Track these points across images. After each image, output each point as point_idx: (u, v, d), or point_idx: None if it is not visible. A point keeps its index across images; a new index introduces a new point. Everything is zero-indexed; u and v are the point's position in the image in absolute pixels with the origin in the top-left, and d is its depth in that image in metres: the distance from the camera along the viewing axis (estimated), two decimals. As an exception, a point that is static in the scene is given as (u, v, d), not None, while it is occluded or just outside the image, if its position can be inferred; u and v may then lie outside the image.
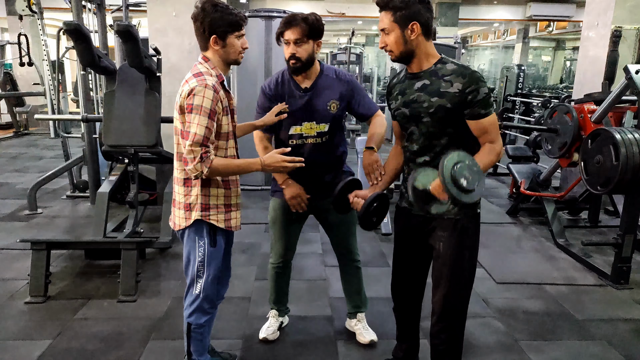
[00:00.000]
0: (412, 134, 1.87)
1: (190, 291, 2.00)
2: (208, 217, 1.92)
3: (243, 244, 3.85)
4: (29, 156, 7.60)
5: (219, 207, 1.95)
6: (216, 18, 1.81)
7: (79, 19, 4.46)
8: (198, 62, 1.90)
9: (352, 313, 2.65)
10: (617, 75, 4.36)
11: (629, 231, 3.28)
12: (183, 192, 1.92)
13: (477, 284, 3.24)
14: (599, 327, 2.81)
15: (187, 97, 1.77)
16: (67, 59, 7.41)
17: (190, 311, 2.00)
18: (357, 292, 2.60)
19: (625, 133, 3.13)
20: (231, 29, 1.85)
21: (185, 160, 1.79)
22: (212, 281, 1.99)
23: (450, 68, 1.76)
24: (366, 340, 2.53)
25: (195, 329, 2.01)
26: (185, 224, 1.93)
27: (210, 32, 1.83)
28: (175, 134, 1.89)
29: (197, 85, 1.77)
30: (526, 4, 15.44)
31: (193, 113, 1.76)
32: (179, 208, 1.94)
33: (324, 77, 2.23)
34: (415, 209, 1.89)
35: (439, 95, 1.74)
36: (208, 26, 1.82)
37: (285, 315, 2.69)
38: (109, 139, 3.59)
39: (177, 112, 1.85)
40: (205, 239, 1.94)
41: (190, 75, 1.84)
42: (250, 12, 5.48)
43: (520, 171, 4.87)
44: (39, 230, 4.22)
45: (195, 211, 1.90)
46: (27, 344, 2.52)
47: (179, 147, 1.88)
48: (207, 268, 1.96)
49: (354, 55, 11.72)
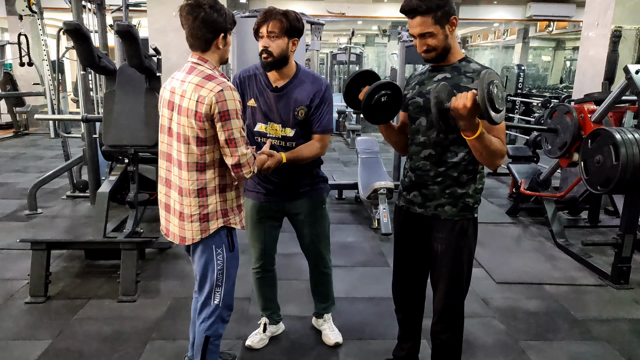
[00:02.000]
0: (421, 125, 1.87)
1: (207, 303, 1.91)
2: (229, 222, 1.88)
3: (243, 244, 3.82)
4: (29, 156, 7.60)
5: (234, 209, 1.91)
6: (223, 15, 1.75)
7: (79, 19, 4.46)
8: (196, 64, 1.79)
9: (318, 313, 2.63)
10: (617, 75, 4.36)
11: (629, 231, 3.28)
12: (198, 204, 1.81)
13: (477, 284, 3.26)
14: (599, 327, 2.81)
15: (216, 103, 1.68)
16: (67, 59, 7.42)
17: (210, 323, 1.91)
18: (325, 297, 2.59)
19: (625, 133, 3.12)
20: (232, 27, 1.81)
21: (239, 166, 1.76)
22: (232, 287, 1.94)
23: (474, 67, 1.78)
24: (331, 342, 2.53)
25: (214, 341, 1.93)
26: (202, 236, 1.84)
27: (218, 31, 1.76)
28: (185, 142, 1.76)
29: (224, 90, 1.69)
30: (526, 4, 15.44)
31: (231, 119, 1.71)
32: (191, 221, 1.82)
33: (298, 80, 2.12)
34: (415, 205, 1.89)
35: (457, 89, 1.74)
36: (215, 24, 1.74)
37: (278, 324, 2.62)
38: (109, 139, 3.59)
39: (188, 119, 1.73)
40: (224, 246, 1.88)
41: (199, 79, 1.73)
42: (250, 12, 5.47)
43: (520, 171, 4.87)
44: (39, 230, 4.22)
45: (217, 219, 1.84)
46: (27, 344, 2.52)
47: (189, 156, 1.77)
48: (227, 275, 1.90)
49: (354, 55, 11.73)
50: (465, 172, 1.83)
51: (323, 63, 16.06)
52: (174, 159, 1.84)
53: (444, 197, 1.85)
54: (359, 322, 2.80)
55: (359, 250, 3.91)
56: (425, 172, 1.87)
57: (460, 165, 1.82)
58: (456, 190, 1.84)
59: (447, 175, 1.83)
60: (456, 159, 1.82)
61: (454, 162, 1.82)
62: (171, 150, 1.85)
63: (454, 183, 1.83)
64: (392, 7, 15.18)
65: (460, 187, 1.84)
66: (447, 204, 1.85)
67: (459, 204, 1.85)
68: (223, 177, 1.84)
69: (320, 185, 2.31)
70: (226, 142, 1.74)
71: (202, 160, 1.78)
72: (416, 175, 1.90)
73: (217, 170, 1.82)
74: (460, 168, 1.83)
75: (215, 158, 1.80)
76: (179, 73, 1.83)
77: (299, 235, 2.40)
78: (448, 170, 1.83)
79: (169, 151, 1.87)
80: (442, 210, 1.86)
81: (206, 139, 1.75)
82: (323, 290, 2.56)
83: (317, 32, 6.00)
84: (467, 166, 1.83)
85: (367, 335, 2.67)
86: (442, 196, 1.85)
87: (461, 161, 1.82)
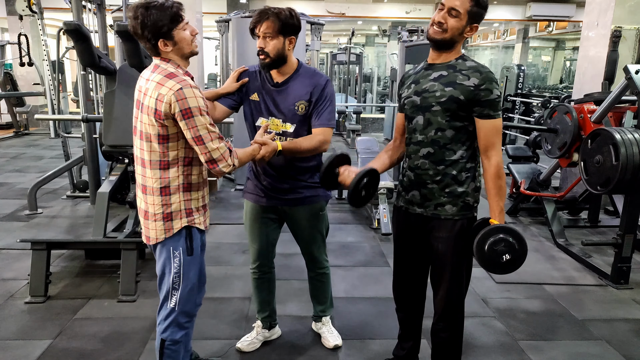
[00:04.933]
0: (417, 124, 1.87)
1: (164, 305, 1.87)
2: (193, 222, 1.84)
3: (243, 244, 3.85)
4: (29, 156, 7.59)
5: (199, 209, 1.87)
6: (155, 20, 1.65)
7: (79, 19, 4.46)
8: (158, 63, 1.75)
9: (317, 316, 2.63)
10: (617, 75, 4.36)
11: (629, 231, 3.28)
12: (160, 202, 1.78)
13: (477, 284, 3.26)
14: (599, 327, 2.81)
15: (175, 102, 1.64)
16: (67, 59, 7.42)
17: (165, 326, 1.86)
18: (323, 298, 2.58)
19: (625, 133, 3.13)
20: (174, 24, 1.69)
21: (213, 161, 1.73)
22: (189, 292, 1.88)
23: (470, 65, 1.79)
24: (330, 345, 2.52)
25: (170, 346, 1.87)
26: (166, 235, 1.81)
27: (156, 37, 1.68)
28: (147, 140, 1.74)
29: (182, 88, 1.65)
30: (526, 4, 15.43)
31: (194, 116, 1.67)
32: (154, 220, 1.80)
33: (299, 75, 2.13)
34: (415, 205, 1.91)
35: (453, 86, 1.76)
36: (150, 32, 1.67)
37: (273, 328, 2.59)
38: (109, 139, 3.59)
39: (149, 117, 1.70)
40: (181, 249, 1.83)
41: (160, 77, 1.69)
42: (250, 12, 5.48)
43: (520, 171, 4.87)
44: (39, 230, 4.22)
45: (180, 219, 1.81)
46: (27, 344, 2.52)
47: (152, 154, 1.75)
48: (184, 279, 1.85)
49: (354, 55, 11.73)
50: (464, 170, 1.84)
51: (323, 63, 16.07)
52: (138, 158, 1.82)
53: (444, 197, 1.85)
54: (359, 322, 2.80)
55: (359, 250, 3.91)
56: (424, 171, 1.87)
57: (459, 163, 1.83)
58: (456, 189, 1.84)
59: (446, 174, 1.83)
60: (455, 156, 1.82)
61: (453, 160, 1.83)
62: (136, 150, 1.83)
63: (453, 181, 1.84)
64: (392, 7, 15.18)
65: (460, 186, 1.84)
66: (447, 203, 1.85)
67: (459, 203, 1.85)
68: (188, 176, 1.81)
69: (319, 192, 2.28)
70: (193, 140, 1.71)
71: (165, 158, 1.75)
72: (415, 175, 1.90)
73: (181, 169, 1.78)
74: (459, 166, 1.83)
75: (180, 156, 1.77)
76: (146, 71, 1.81)
77: (294, 237, 2.41)
78: (447, 169, 1.83)
79: (135, 151, 1.84)
80: (442, 209, 1.86)
81: (168, 136, 1.72)
82: (320, 291, 2.56)
83: (317, 32, 6.01)
84: (466, 164, 1.84)
85: (367, 335, 2.67)
86: (442, 195, 1.85)
87: (460, 159, 1.83)
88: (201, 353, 2.37)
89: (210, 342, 2.53)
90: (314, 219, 2.32)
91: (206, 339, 2.55)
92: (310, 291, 2.59)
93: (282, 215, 2.33)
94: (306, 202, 2.26)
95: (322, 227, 2.38)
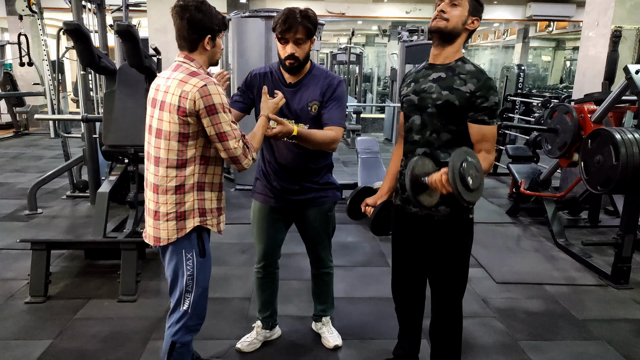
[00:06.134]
0: (414, 124, 1.87)
1: (177, 309, 1.86)
2: (205, 223, 1.83)
3: (243, 244, 3.85)
4: (29, 156, 7.59)
5: (213, 211, 1.86)
6: (209, 17, 1.73)
7: (79, 19, 4.46)
8: (182, 62, 1.78)
9: (317, 316, 2.63)
10: (617, 75, 4.36)
11: (629, 231, 3.28)
12: (174, 201, 1.77)
13: (477, 284, 3.26)
14: (599, 327, 2.81)
15: (200, 98, 1.66)
16: (67, 59, 7.43)
17: (177, 329, 1.86)
18: (324, 297, 2.58)
19: (625, 133, 3.12)
20: (221, 30, 1.80)
21: (236, 158, 1.74)
22: (202, 295, 1.88)
23: (468, 68, 1.77)
24: (330, 345, 2.52)
25: (179, 348, 1.87)
26: (178, 235, 1.79)
27: (204, 32, 1.75)
28: (165, 138, 1.74)
29: (207, 85, 1.68)
30: (526, 4, 15.42)
31: (219, 113, 1.69)
32: (167, 220, 1.78)
33: (311, 75, 2.13)
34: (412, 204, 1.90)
35: (450, 90, 1.75)
36: (201, 25, 1.73)
37: (274, 329, 2.59)
38: (109, 139, 3.59)
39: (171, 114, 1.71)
40: (194, 251, 1.82)
41: (183, 75, 1.72)
42: (250, 12, 5.48)
43: (520, 171, 4.87)
44: (39, 230, 4.22)
45: (193, 218, 1.80)
46: (27, 344, 2.52)
47: (169, 152, 1.75)
48: (197, 281, 1.84)
49: (354, 55, 11.72)
50: None
51: (323, 63, 16.08)
52: (151, 156, 1.82)
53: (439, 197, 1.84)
54: (359, 322, 2.80)
55: (359, 250, 3.91)
56: None
57: None
58: None
59: None
60: None
61: (448, 161, 1.82)
62: (150, 148, 1.83)
63: None
64: (392, 7, 15.18)
65: None
66: (442, 204, 1.83)
67: (452, 205, 1.84)
68: (203, 175, 1.81)
69: (328, 194, 2.30)
70: (216, 136, 1.72)
71: (183, 157, 1.75)
72: None
73: (197, 167, 1.78)
74: None
75: (197, 155, 1.77)
76: (166, 71, 1.83)
77: (301, 236, 2.42)
78: None
79: (148, 149, 1.84)
80: (435, 210, 1.85)
81: (189, 134, 1.73)
82: (322, 290, 2.56)
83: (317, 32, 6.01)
84: None
85: (367, 335, 2.67)
86: None
87: None
88: (201, 353, 2.37)
89: (210, 342, 2.53)
90: (322, 220, 2.33)
91: (206, 339, 2.54)
92: (313, 290, 2.59)
93: (291, 216, 2.34)
94: (316, 204, 2.27)
95: (330, 228, 2.39)
